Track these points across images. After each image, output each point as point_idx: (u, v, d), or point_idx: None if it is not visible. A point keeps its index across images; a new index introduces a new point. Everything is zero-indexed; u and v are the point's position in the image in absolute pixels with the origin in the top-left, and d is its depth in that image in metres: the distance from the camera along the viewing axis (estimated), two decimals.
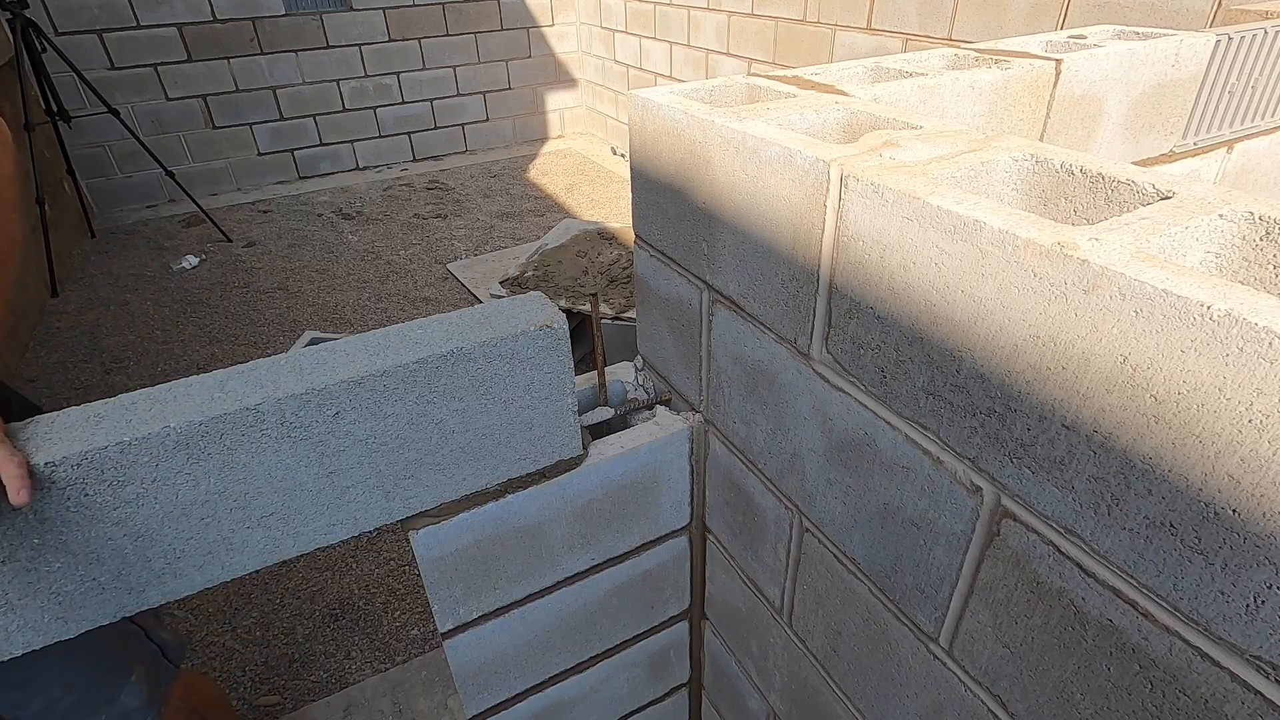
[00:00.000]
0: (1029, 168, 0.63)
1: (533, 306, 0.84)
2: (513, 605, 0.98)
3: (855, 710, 0.86)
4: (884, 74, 1.02)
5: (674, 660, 1.26)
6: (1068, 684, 0.55)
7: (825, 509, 0.79)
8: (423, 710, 1.71)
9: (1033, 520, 0.53)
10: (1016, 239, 0.48)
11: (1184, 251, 0.49)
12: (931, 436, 0.61)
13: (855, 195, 0.60)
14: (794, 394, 0.78)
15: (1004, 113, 1.01)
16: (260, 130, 5.12)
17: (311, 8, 4.96)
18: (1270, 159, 1.47)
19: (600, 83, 5.82)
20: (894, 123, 0.74)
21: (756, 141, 0.70)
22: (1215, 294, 0.39)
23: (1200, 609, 0.43)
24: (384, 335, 0.79)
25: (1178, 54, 1.14)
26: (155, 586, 0.71)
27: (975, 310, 0.52)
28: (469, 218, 4.61)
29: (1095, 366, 0.45)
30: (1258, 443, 0.38)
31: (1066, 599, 0.52)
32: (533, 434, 0.87)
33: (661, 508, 1.05)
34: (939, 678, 0.69)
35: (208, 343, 3.32)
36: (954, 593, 0.64)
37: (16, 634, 0.66)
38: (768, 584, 0.97)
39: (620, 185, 5.05)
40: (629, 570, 1.07)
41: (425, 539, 0.85)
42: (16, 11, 3.52)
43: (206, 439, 0.67)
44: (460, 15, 5.43)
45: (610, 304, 2.88)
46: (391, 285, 3.78)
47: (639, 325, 1.10)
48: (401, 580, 2.07)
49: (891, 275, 0.59)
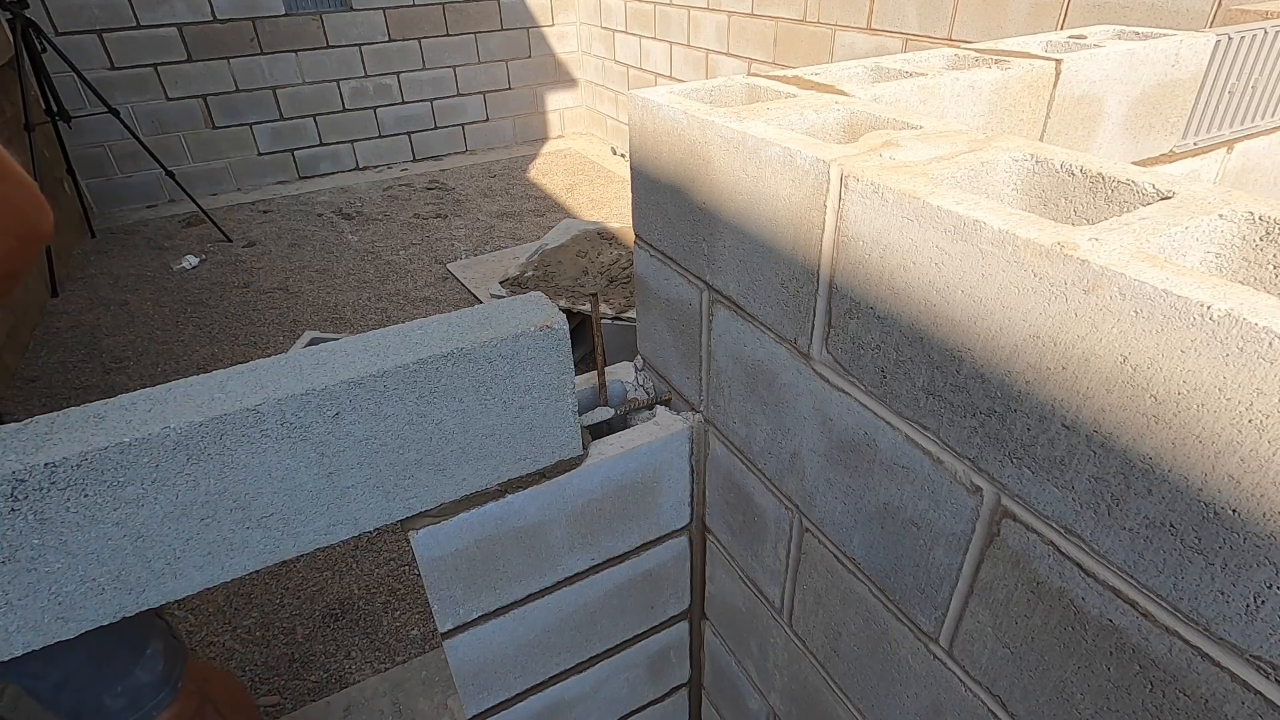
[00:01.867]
0: (1029, 168, 0.63)
1: (533, 307, 0.84)
2: (513, 605, 0.98)
3: (855, 710, 0.86)
4: (884, 74, 1.02)
5: (674, 660, 1.26)
6: (1068, 684, 0.55)
7: (825, 509, 0.79)
8: (423, 710, 1.71)
9: (1033, 520, 0.53)
10: (1016, 239, 0.48)
11: (1184, 251, 0.49)
12: (931, 436, 0.61)
13: (855, 195, 0.60)
14: (794, 394, 0.78)
15: (1004, 113, 1.01)
16: (260, 130, 5.12)
17: (311, 8, 4.96)
18: (1270, 159, 1.47)
19: (600, 83, 5.82)
20: (894, 123, 0.74)
21: (756, 141, 0.70)
22: (1215, 294, 0.39)
23: (1200, 609, 0.43)
24: (384, 336, 0.79)
25: (1178, 54, 1.14)
26: (155, 587, 0.71)
27: (975, 310, 0.52)
28: (469, 218, 4.61)
29: (1095, 366, 0.45)
30: (1258, 443, 0.38)
31: (1066, 599, 0.52)
32: (533, 434, 0.87)
33: (661, 508, 1.05)
34: (939, 678, 0.69)
35: (208, 343, 3.32)
36: (954, 593, 0.64)
37: (16, 634, 0.66)
38: (768, 584, 0.97)
39: (620, 185, 5.05)
40: (629, 570, 1.07)
41: (425, 539, 0.85)
42: (16, 11, 3.52)
43: (206, 440, 0.67)
44: (460, 15, 5.43)
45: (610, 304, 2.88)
46: (391, 285, 3.79)
47: (639, 325, 1.10)
48: (401, 580, 2.07)
49: (891, 275, 0.59)
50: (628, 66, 5.34)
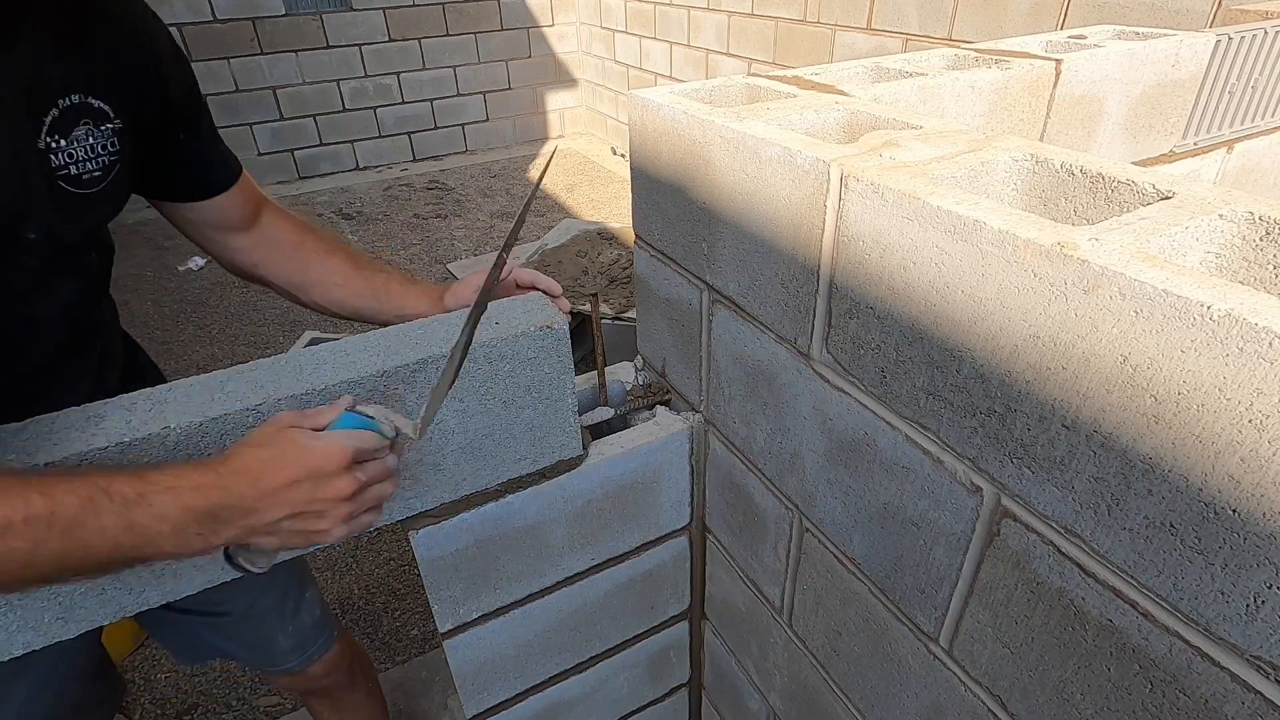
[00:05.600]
0: (1029, 168, 0.63)
1: (533, 307, 0.84)
2: (513, 605, 0.98)
3: (855, 710, 0.86)
4: (884, 74, 1.02)
5: (674, 660, 1.26)
6: (1068, 684, 0.55)
7: (825, 509, 0.79)
8: (423, 710, 1.71)
9: (1033, 520, 0.53)
10: (1016, 239, 0.48)
11: (1184, 251, 0.49)
12: (931, 436, 0.61)
13: (855, 195, 0.60)
14: (794, 394, 0.78)
15: (1004, 113, 1.01)
16: (260, 130, 5.12)
17: (311, 8, 4.96)
18: (1270, 159, 1.47)
19: (600, 83, 5.82)
20: (894, 123, 0.74)
21: (756, 141, 0.70)
22: (1215, 294, 0.39)
23: (1200, 609, 0.43)
24: (384, 335, 0.79)
25: (1178, 54, 1.14)
26: (155, 587, 0.71)
27: (975, 310, 0.52)
28: (469, 218, 4.61)
29: (1095, 366, 0.45)
30: (1258, 443, 0.38)
31: (1066, 599, 0.52)
32: (533, 434, 0.87)
33: (661, 508, 1.05)
34: (939, 678, 0.69)
35: (208, 343, 3.32)
36: (954, 593, 0.64)
37: (17, 634, 0.66)
38: (768, 584, 0.97)
39: (620, 185, 5.05)
40: (629, 570, 1.07)
41: (425, 539, 0.85)
42: None
43: (206, 439, 0.67)
44: (460, 15, 5.43)
45: (610, 304, 2.88)
46: None
47: (639, 325, 1.10)
48: (401, 580, 2.07)
49: (891, 275, 0.59)
50: (628, 66, 5.34)
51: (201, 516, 0.55)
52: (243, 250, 0.96)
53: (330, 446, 0.59)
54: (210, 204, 0.91)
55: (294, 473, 0.57)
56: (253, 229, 0.96)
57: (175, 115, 0.83)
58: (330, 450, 0.59)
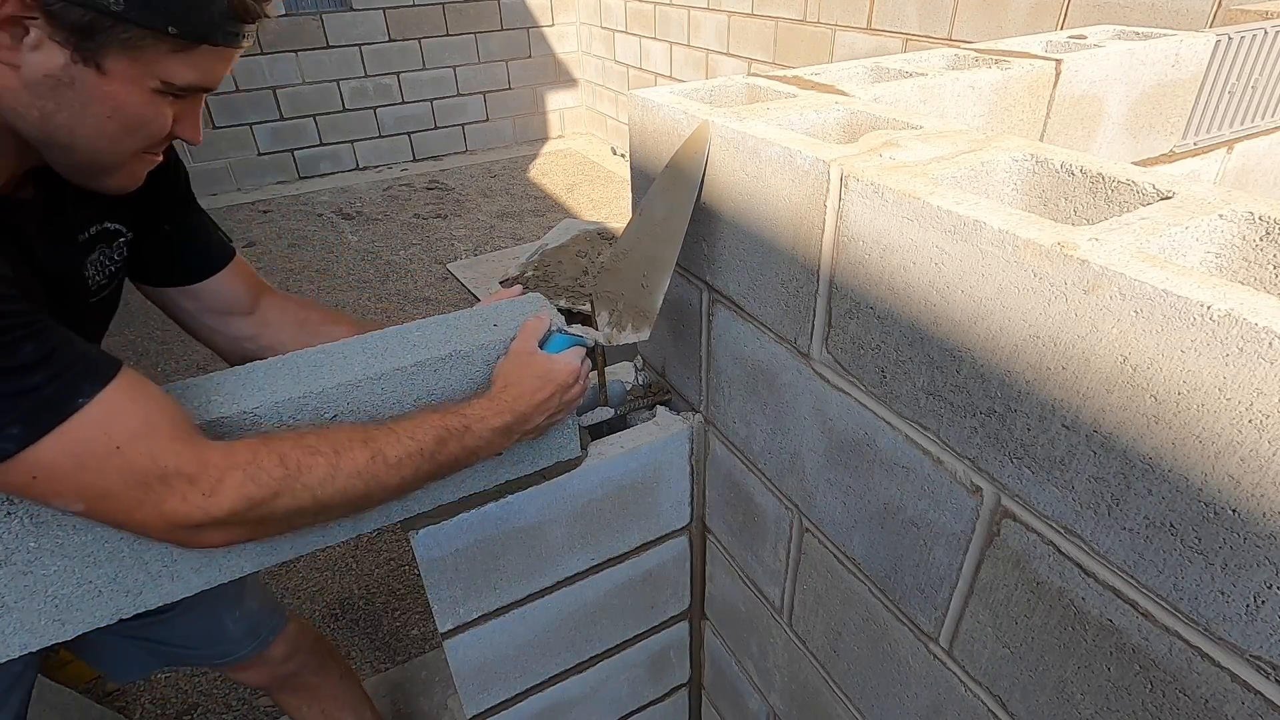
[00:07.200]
0: (1029, 168, 0.63)
1: (532, 307, 0.84)
2: (513, 605, 0.98)
3: (855, 710, 0.86)
4: (884, 74, 1.02)
5: (674, 660, 1.26)
6: (1068, 684, 0.55)
7: (825, 509, 0.79)
8: (423, 710, 1.71)
9: (1033, 520, 0.53)
10: (1016, 239, 0.48)
11: (1184, 252, 0.49)
12: (931, 436, 0.61)
13: (855, 195, 0.60)
14: (794, 394, 0.78)
15: (1004, 113, 1.01)
16: (260, 130, 5.12)
17: (311, 8, 4.96)
18: (1270, 159, 1.47)
19: (600, 83, 5.82)
20: (894, 123, 0.74)
21: (756, 141, 0.70)
22: (1215, 294, 0.39)
23: (1200, 609, 0.43)
24: (382, 337, 0.79)
25: (1178, 54, 1.14)
26: (152, 589, 0.70)
27: (975, 310, 0.52)
28: (469, 218, 4.61)
29: (1095, 366, 0.45)
30: (1258, 443, 0.38)
31: (1066, 599, 0.52)
32: None
33: (661, 507, 1.05)
34: (939, 678, 0.69)
35: None
36: (954, 593, 0.64)
37: (13, 636, 0.66)
38: (768, 584, 0.97)
39: (620, 185, 5.05)
40: (629, 570, 1.07)
41: (425, 539, 0.85)
42: None
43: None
44: (460, 15, 5.43)
45: None
46: (391, 285, 3.78)
47: None
48: (401, 580, 2.07)
49: (891, 275, 0.59)
50: (628, 66, 5.34)
51: (503, 432, 0.74)
52: (249, 337, 0.96)
53: (568, 365, 0.78)
54: (209, 287, 0.92)
55: (551, 389, 0.77)
56: (254, 313, 0.97)
57: (175, 208, 0.87)
58: (570, 367, 0.78)
